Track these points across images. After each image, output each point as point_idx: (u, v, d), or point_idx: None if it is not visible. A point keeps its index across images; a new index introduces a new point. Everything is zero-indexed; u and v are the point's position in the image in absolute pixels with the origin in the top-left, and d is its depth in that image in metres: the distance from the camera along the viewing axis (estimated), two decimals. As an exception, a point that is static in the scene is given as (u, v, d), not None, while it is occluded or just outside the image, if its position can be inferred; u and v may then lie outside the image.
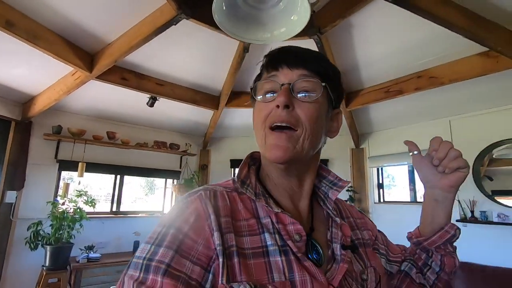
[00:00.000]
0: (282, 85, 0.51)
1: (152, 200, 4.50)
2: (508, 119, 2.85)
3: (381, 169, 4.05)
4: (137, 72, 2.92)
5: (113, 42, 2.37)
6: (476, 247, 2.91)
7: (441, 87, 2.54)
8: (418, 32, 2.19)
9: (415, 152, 0.64)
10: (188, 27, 2.23)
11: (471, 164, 3.01)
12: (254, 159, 0.61)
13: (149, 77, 3.00)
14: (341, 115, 0.61)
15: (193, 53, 2.74)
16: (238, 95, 3.39)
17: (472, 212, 2.95)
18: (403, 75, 2.71)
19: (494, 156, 2.95)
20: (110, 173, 3.76)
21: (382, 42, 2.37)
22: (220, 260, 0.42)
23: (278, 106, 0.50)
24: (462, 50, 2.28)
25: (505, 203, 2.80)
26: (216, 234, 0.44)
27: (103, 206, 3.80)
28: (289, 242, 0.47)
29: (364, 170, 4.02)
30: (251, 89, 0.58)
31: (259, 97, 0.55)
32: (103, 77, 2.66)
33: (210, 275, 0.42)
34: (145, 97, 3.16)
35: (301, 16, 1.45)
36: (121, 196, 3.83)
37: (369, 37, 2.33)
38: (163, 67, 2.92)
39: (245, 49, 2.44)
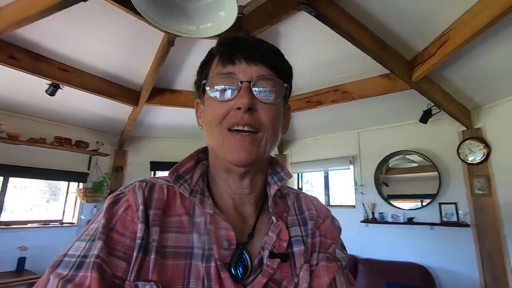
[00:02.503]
0: (241, 82, 0.47)
1: (56, 207, 3.77)
2: (401, 134, 3.38)
3: (301, 174, 4.31)
4: (33, 52, 2.41)
5: (-2, 9, 1.90)
6: (375, 244, 3.32)
7: (352, 102, 2.84)
8: (336, 50, 2.39)
9: None
10: (105, 8, 1.94)
11: (373, 172, 3.45)
12: (207, 154, 0.54)
13: (50, 60, 2.52)
14: (290, 111, 0.59)
15: (110, 39, 2.40)
16: (161, 92, 3.14)
17: (373, 213, 3.36)
18: (322, 88, 2.93)
19: (390, 166, 3.44)
20: (-12, 173, 3.02)
21: (306, 54, 2.51)
22: (135, 254, 0.40)
23: (239, 108, 0.46)
24: (369, 71, 2.59)
25: (397, 205, 3.28)
26: (140, 226, 0.42)
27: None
28: (214, 247, 0.44)
29: (286, 175, 4.22)
30: (197, 80, 0.53)
31: (213, 94, 0.49)
32: (-18, 52, 2.11)
33: None
34: (44, 83, 2.64)
35: (228, 14, 1.39)
36: (3, 203, 3.09)
37: (294, 48, 2.44)
38: (70, 50, 2.49)
39: (170, 42, 2.26)
